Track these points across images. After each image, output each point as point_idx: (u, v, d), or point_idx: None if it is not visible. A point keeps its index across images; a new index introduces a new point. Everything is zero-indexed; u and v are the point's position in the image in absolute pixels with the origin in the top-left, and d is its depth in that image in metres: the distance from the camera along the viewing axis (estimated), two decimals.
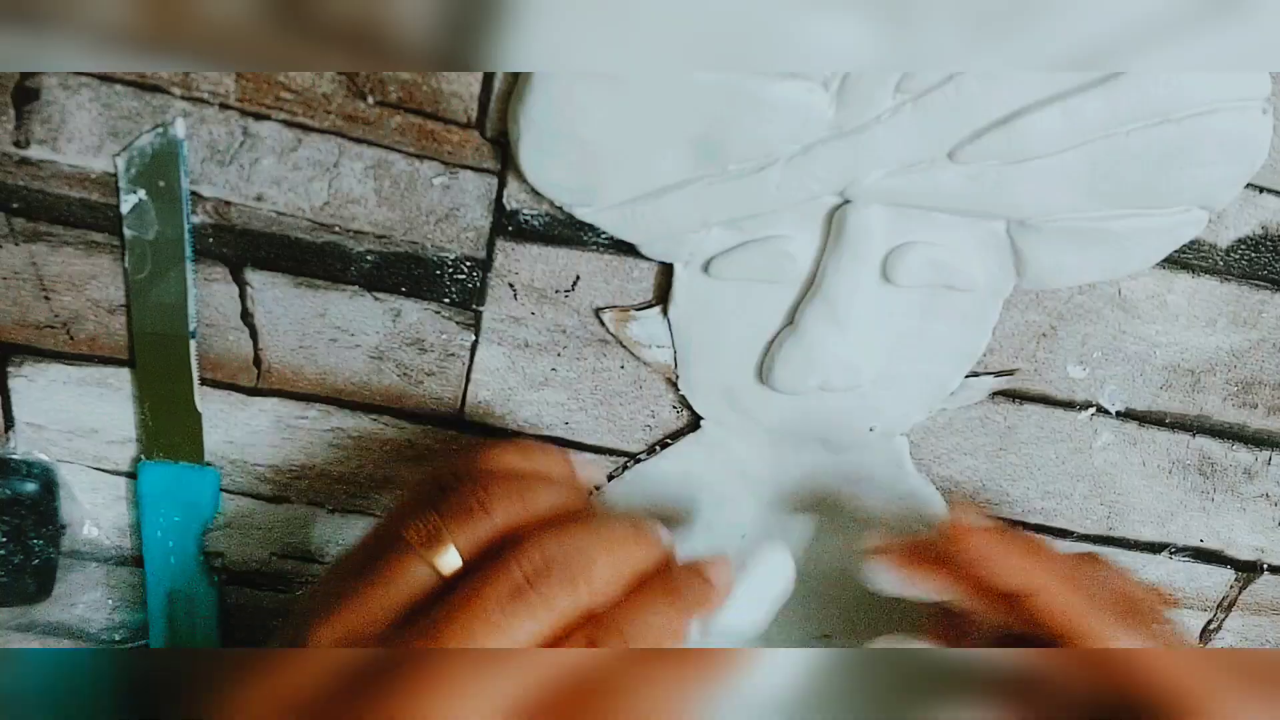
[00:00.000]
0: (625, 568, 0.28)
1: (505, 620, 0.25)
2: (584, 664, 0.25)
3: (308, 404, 0.34)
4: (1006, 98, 0.28)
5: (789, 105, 0.27)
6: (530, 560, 0.26)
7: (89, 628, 0.37)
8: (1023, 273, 0.31)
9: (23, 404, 0.33)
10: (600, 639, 0.26)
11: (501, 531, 0.27)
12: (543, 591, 0.25)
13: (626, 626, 0.26)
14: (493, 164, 0.30)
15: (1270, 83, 0.28)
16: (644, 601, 0.27)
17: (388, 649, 0.25)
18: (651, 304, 0.32)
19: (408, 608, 0.26)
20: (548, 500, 0.28)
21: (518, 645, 0.25)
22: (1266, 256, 0.33)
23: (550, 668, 0.25)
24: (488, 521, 0.27)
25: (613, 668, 0.25)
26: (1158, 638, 0.29)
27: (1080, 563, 0.32)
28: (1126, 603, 0.30)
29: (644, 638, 0.27)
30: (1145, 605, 0.31)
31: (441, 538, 0.26)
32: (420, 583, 0.26)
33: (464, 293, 0.32)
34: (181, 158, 0.29)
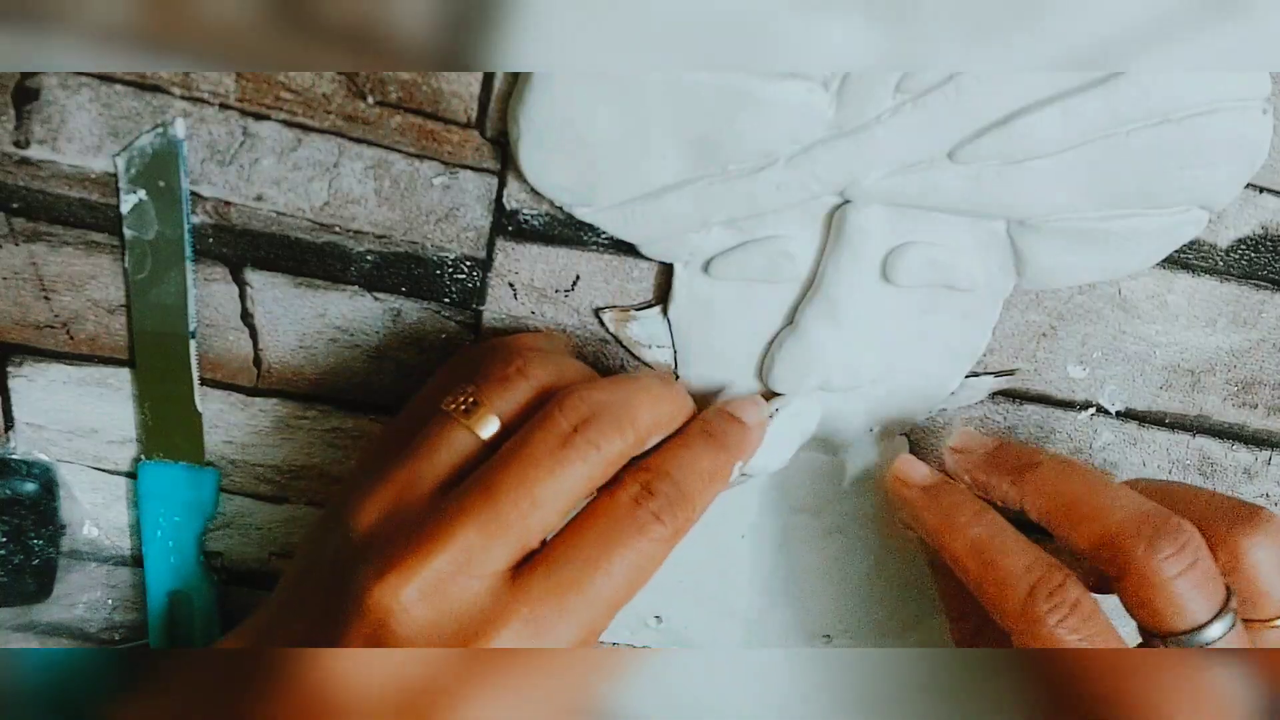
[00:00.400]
0: (664, 415, 0.28)
1: (557, 467, 0.25)
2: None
3: (308, 404, 0.34)
4: (1006, 98, 0.28)
5: (789, 105, 0.27)
6: (575, 409, 0.26)
7: (89, 628, 0.37)
8: (1023, 273, 0.31)
9: (23, 404, 0.33)
10: (654, 485, 0.27)
11: (539, 392, 0.27)
12: (590, 437, 0.26)
13: (675, 471, 0.27)
14: (493, 164, 0.30)
15: (1270, 83, 0.28)
16: (689, 446, 0.28)
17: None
18: (651, 304, 0.32)
19: (453, 474, 0.26)
20: (580, 367, 0.29)
21: (573, 492, 0.26)
22: (1266, 256, 0.33)
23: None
24: (525, 385, 0.27)
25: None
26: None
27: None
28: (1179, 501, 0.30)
29: (693, 482, 0.27)
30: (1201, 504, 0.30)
31: (480, 404, 0.26)
32: (463, 449, 0.26)
33: (464, 293, 0.32)
34: (181, 158, 0.29)
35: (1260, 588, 0.29)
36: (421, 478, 0.26)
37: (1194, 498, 0.30)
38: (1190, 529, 0.28)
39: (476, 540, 0.25)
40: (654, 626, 0.38)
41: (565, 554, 0.26)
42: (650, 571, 0.27)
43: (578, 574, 0.25)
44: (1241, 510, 0.29)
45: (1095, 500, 0.29)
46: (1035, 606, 0.28)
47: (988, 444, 0.33)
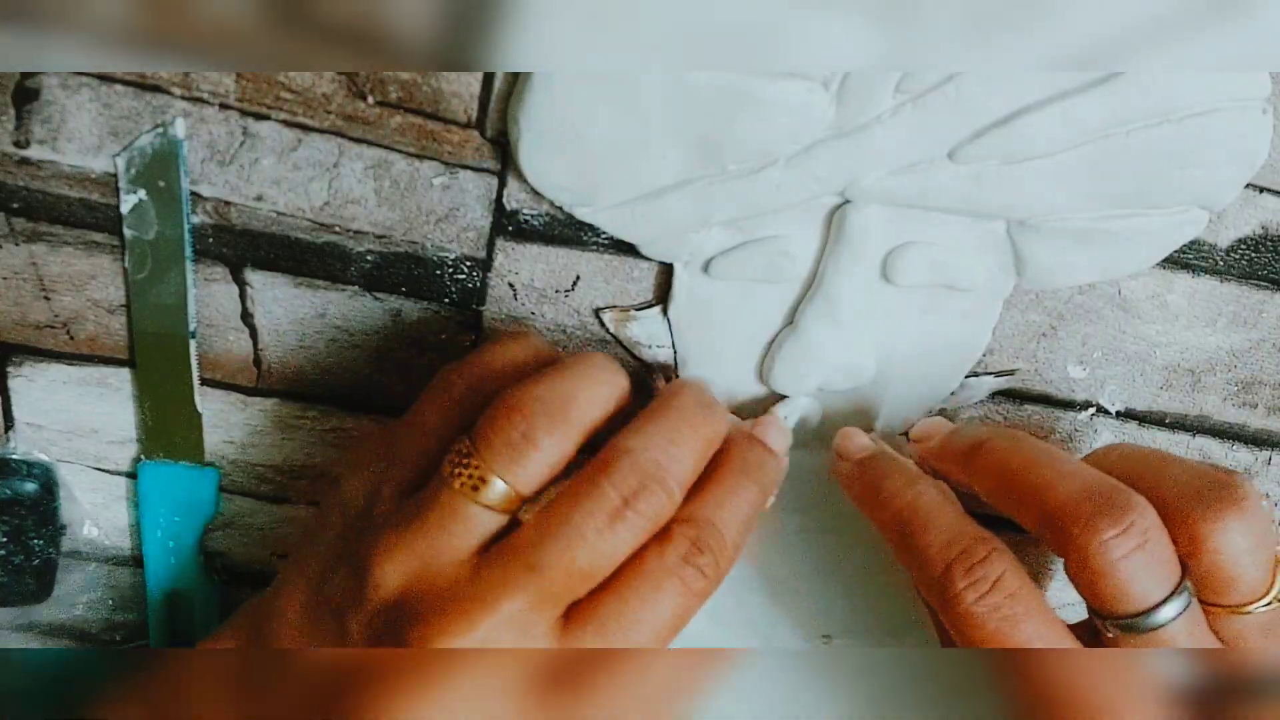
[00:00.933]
0: (706, 453, 0.27)
1: (605, 542, 0.25)
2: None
3: (308, 404, 0.34)
4: (1006, 98, 0.28)
5: (789, 105, 0.27)
6: (625, 480, 0.25)
7: (89, 628, 0.37)
8: (1023, 273, 0.31)
9: (23, 404, 0.33)
10: (702, 541, 0.26)
11: (559, 462, 0.26)
12: (641, 509, 0.25)
13: (720, 522, 0.26)
14: (493, 164, 0.30)
15: (1270, 83, 0.28)
16: (732, 491, 0.27)
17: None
18: (651, 304, 0.32)
19: (478, 547, 0.25)
20: (586, 400, 0.26)
21: (619, 557, 0.25)
22: (1266, 256, 0.33)
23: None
24: (535, 455, 0.25)
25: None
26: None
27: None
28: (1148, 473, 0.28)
29: (738, 530, 0.27)
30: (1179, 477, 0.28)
31: (486, 481, 0.25)
32: (483, 525, 0.25)
33: (464, 293, 0.32)
34: (181, 158, 0.29)
35: (1227, 572, 0.27)
36: (443, 549, 0.25)
37: (1164, 469, 0.29)
38: (1141, 506, 0.26)
39: (524, 610, 0.24)
40: None
41: (612, 609, 0.25)
42: (690, 617, 0.26)
43: (625, 630, 0.25)
44: (1213, 486, 0.27)
45: (1039, 475, 0.28)
46: (952, 582, 0.27)
47: (943, 429, 0.32)
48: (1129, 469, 0.28)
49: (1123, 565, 0.26)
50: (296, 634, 0.27)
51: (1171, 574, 0.27)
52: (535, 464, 0.25)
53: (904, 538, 0.29)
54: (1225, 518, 0.27)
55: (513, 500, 0.25)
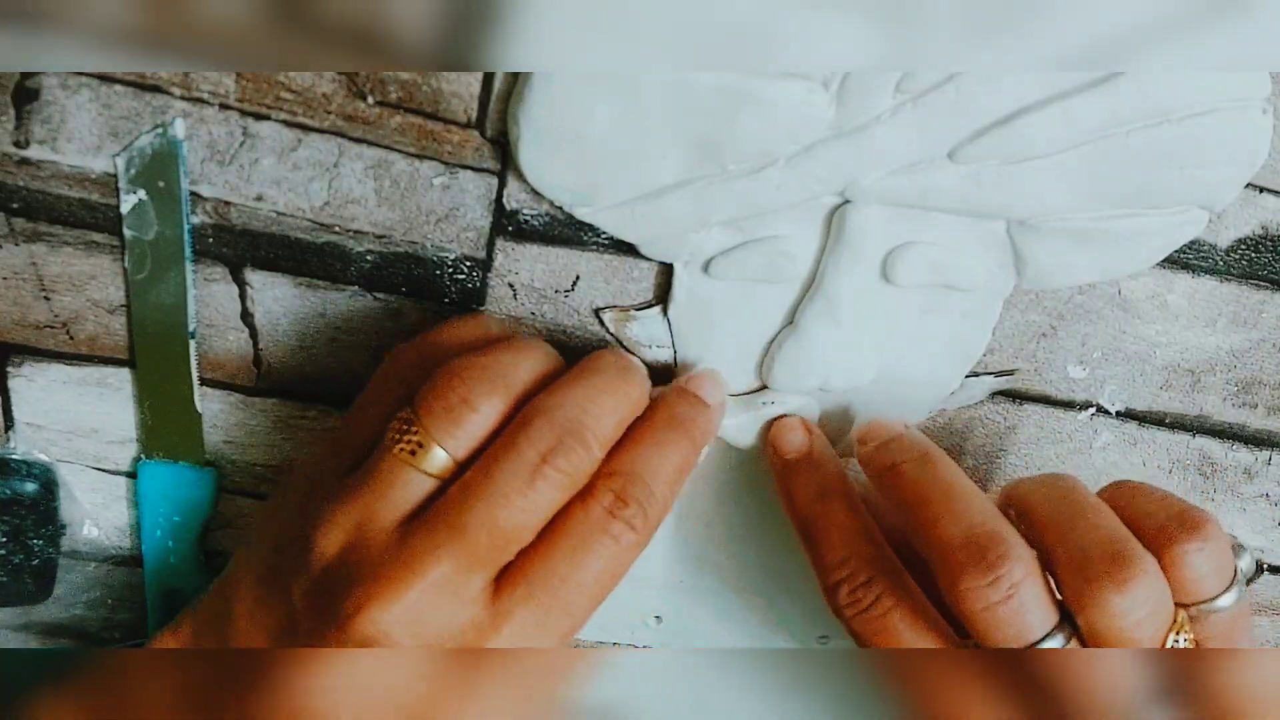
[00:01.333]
0: (628, 409, 0.28)
1: (526, 500, 0.25)
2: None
3: (308, 404, 0.34)
4: (1006, 98, 0.28)
5: (789, 105, 0.27)
6: (541, 436, 0.25)
7: (89, 628, 0.37)
8: (1023, 273, 0.31)
9: (23, 404, 0.33)
10: (628, 493, 0.26)
11: (487, 419, 0.26)
12: (559, 465, 0.25)
13: (647, 474, 0.27)
14: (493, 164, 0.30)
15: (1270, 83, 0.28)
16: (659, 444, 0.27)
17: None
18: (651, 304, 0.32)
19: (411, 511, 0.26)
20: (526, 370, 0.27)
21: (544, 513, 0.26)
22: (1266, 256, 0.33)
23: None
24: (472, 417, 0.26)
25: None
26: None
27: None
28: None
29: (665, 482, 0.27)
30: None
31: (425, 446, 0.26)
32: (418, 490, 0.26)
33: (464, 293, 0.32)
34: (181, 158, 0.29)
35: (1117, 640, 0.27)
36: (379, 514, 0.25)
37: (1072, 525, 0.28)
38: (1015, 558, 0.27)
39: (451, 573, 0.25)
40: (654, 626, 0.38)
41: (543, 570, 0.25)
42: (624, 573, 0.27)
43: (555, 590, 0.25)
44: (1108, 559, 0.27)
45: (930, 511, 0.28)
46: (837, 599, 0.29)
47: (882, 435, 0.32)
48: (1041, 513, 0.29)
49: (985, 615, 0.26)
50: (249, 610, 0.27)
51: (1044, 620, 0.27)
52: (472, 428, 0.26)
53: (806, 545, 0.31)
54: (1110, 594, 0.26)
55: (449, 466, 0.26)
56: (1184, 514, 0.28)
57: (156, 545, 0.35)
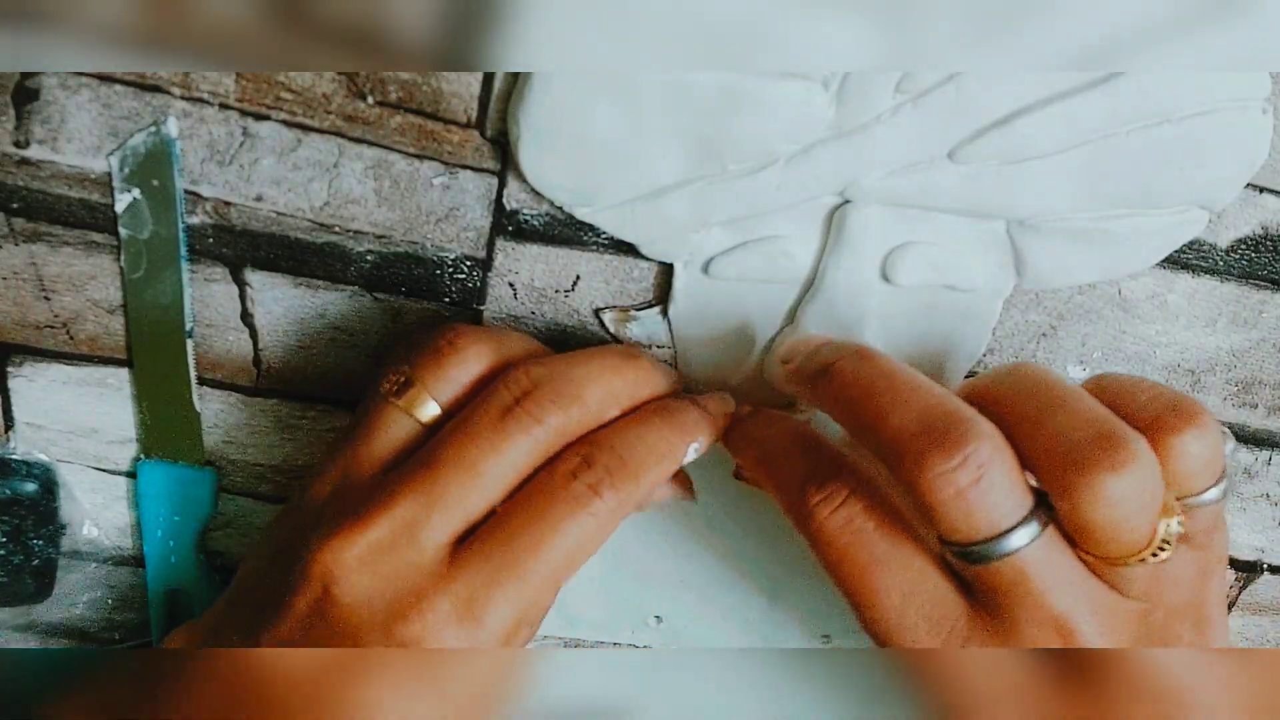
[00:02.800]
0: (619, 389, 0.27)
1: (498, 439, 0.25)
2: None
3: (308, 404, 0.34)
4: (1006, 98, 0.28)
5: (789, 105, 0.27)
6: (518, 382, 0.26)
7: (89, 628, 0.37)
8: (1023, 273, 0.31)
9: (23, 404, 0.33)
10: (593, 457, 0.26)
11: (474, 366, 0.27)
12: (530, 409, 0.25)
13: (619, 444, 0.26)
14: (493, 164, 0.30)
15: (1270, 83, 0.28)
16: (640, 421, 0.27)
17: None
18: (651, 304, 0.32)
19: (395, 456, 0.26)
20: (519, 341, 0.28)
21: (515, 465, 0.26)
22: (1266, 256, 0.33)
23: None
24: (456, 359, 0.26)
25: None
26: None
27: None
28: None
29: (638, 455, 0.26)
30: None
31: (413, 384, 0.26)
32: (401, 432, 0.26)
33: (464, 293, 0.32)
34: (174, 156, 0.29)
35: (1103, 533, 0.24)
36: (364, 459, 0.26)
37: (1053, 411, 0.25)
38: (980, 435, 0.24)
39: (417, 511, 0.25)
40: (654, 626, 0.38)
41: (502, 531, 0.25)
42: (594, 546, 0.26)
43: (514, 552, 0.25)
44: (1095, 442, 0.24)
45: (877, 403, 0.25)
46: (806, 499, 0.27)
47: (806, 346, 0.29)
48: (1011, 403, 0.26)
49: (956, 501, 0.24)
50: (259, 579, 0.27)
51: (1017, 504, 0.24)
52: (456, 372, 0.26)
53: (767, 468, 0.28)
54: (1103, 477, 0.23)
55: (435, 416, 0.26)
56: (1178, 402, 0.26)
57: (157, 545, 0.35)
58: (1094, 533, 0.24)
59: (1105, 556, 0.25)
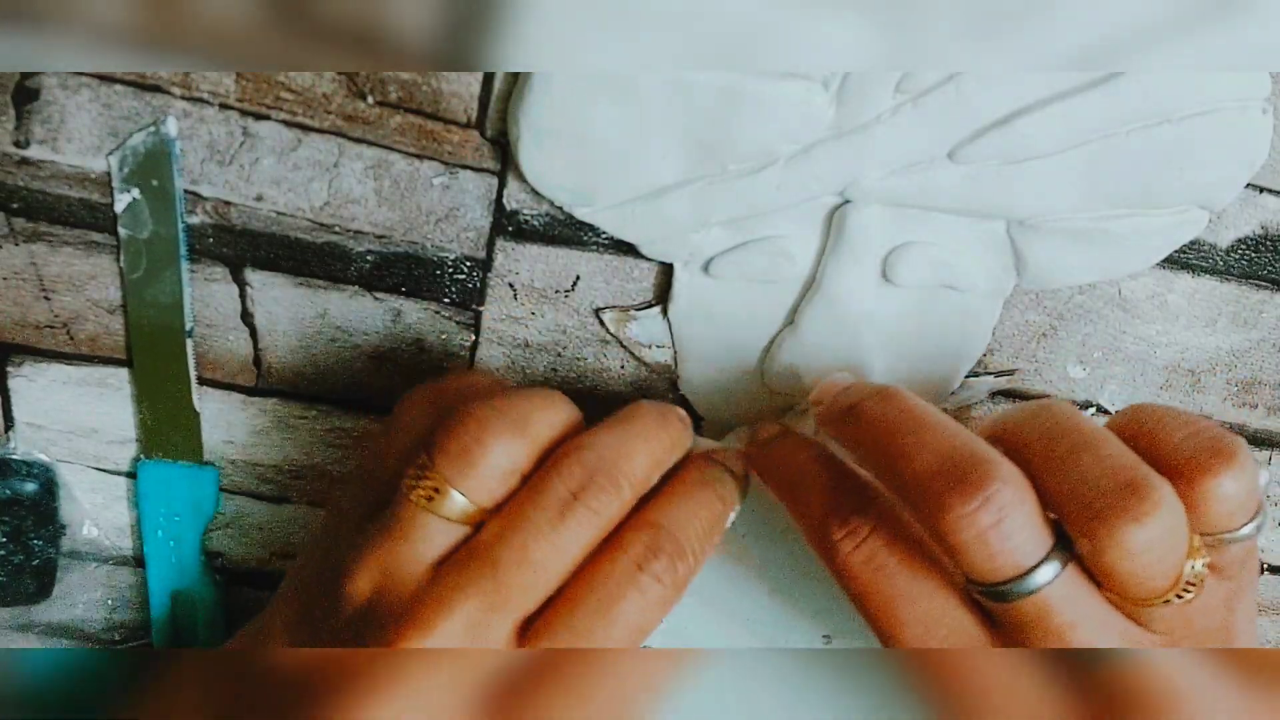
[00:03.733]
0: (663, 456, 0.27)
1: (557, 537, 0.25)
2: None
3: (308, 404, 0.34)
4: (1006, 98, 0.28)
5: (789, 105, 0.27)
6: (572, 474, 0.25)
7: (89, 628, 0.37)
8: (1023, 273, 0.31)
9: (23, 404, 0.33)
10: (658, 545, 0.25)
11: (509, 469, 0.25)
12: (589, 503, 0.25)
13: (678, 528, 0.26)
14: (493, 164, 0.30)
15: (1270, 83, 0.28)
16: (687, 496, 0.27)
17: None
18: (651, 304, 0.32)
19: (441, 556, 0.25)
20: (544, 416, 0.26)
21: (573, 556, 0.25)
22: (1266, 256, 0.33)
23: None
24: (486, 460, 0.25)
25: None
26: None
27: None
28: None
29: (696, 538, 0.26)
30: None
31: (441, 491, 0.25)
32: (441, 537, 0.25)
33: (464, 293, 0.32)
34: (174, 156, 0.29)
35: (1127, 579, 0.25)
36: (406, 559, 0.25)
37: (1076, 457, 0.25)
38: (1002, 477, 0.24)
39: (479, 613, 0.24)
40: None
41: (568, 620, 0.25)
42: (652, 629, 0.26)
43: (580, 640, 0.25)
44: (1121, 491, 0.24)
45: (899, 444, 0.25)
46: (829, 534, 0.27)
47: (835, 387, 0.29)
48: (1035, 446, 0.26)
49: (977, 542, 0.24)
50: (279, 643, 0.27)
51: (1038, 544, 0.24)
52: (488, 471, 0.25)
53: (791, 496, 0.29)
54: (1127, 527, 0.24)
55: (471, 512, 0.25)
56: (1215, 442, 0.26)
57: (157, 545, 0.35)
58: (1117, 578, 0.24)
59: (1129, 599, 0.25)
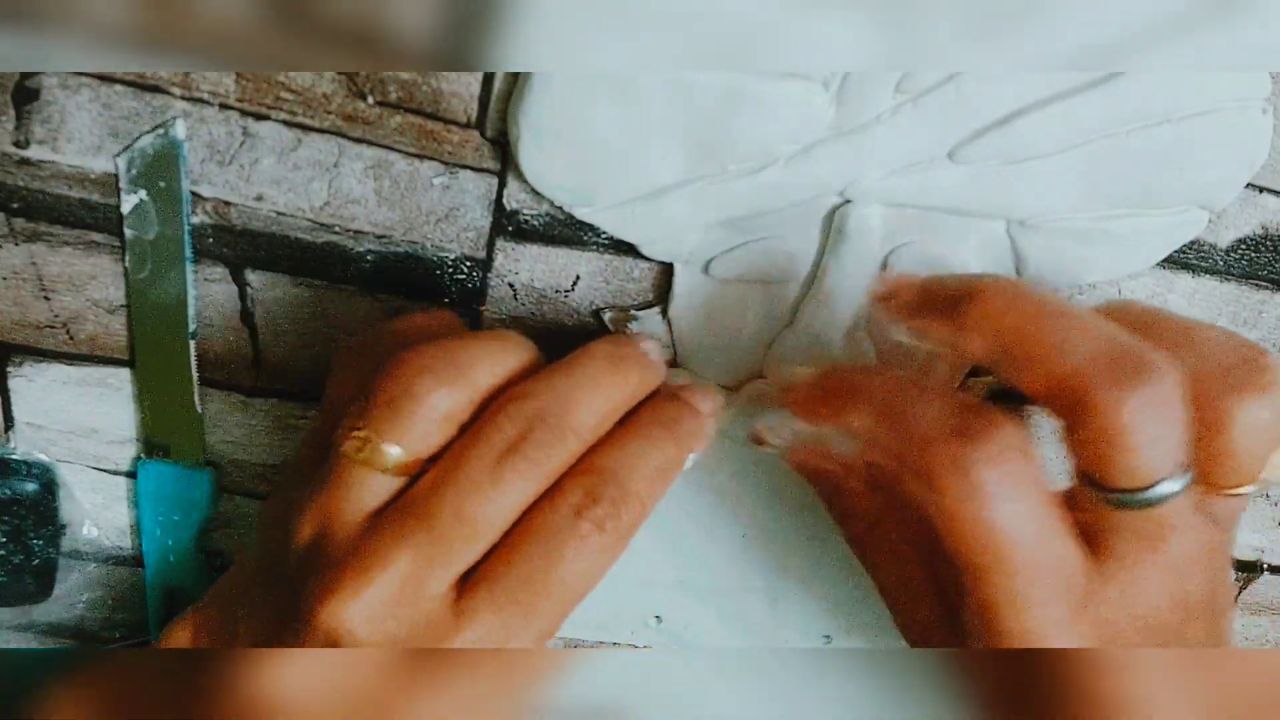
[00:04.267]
0: (615, 402, 0.26)
1: (494, 489, 0.24)
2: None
3: (308, 404, 0.34)
4: (1006, 98, 0.28)
5: (789, 105, 0.27)
6: (511, 422, 0.24)
7: (89, 627, 0.37)
8: (1023, 273, 0.31)
9: (23, 404, 0.33)
10: (598, 490, 0.25)
11: (445, 414, 0.25)
12: (528, 453, 0.24)
13: (622, 471, 0.25)
14: (493, 164, 0.30)
15: (1270, 83, 0.28)
16: (639, 438, 0.26)
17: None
18: (651, 304, 0.32)
19: (378, 507, 0.25)
20: (487, 361, 0.25)
21: (513, 508, 0.24)
22: (1266, 256, 0.33)
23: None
24: (420, 412, 0.24)
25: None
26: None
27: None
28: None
29: (642, 481, 0.25)
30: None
31: (375, 441, 0.24)
32: (376, 489, 0.25)
33: (464, 293, 0.32)
34: (181, 158, 0.29)
35: (1237, 455, 0.25)
36: (342, 510, 0.24)
37: (1191, 335, 0.26)
38: (1170, 370, 0.23)
39: (418, 566, 0.24)
40: (654, 626, 0.38)
41: (507, 571, 0.24)
42: (599, 576, 0.25)
43: (521, 592, 0.24)
44: (1243, 364, 0.25)
45: (1052, 334, 0.24)
46: (963, 456, 0.23)
47: (916, 282, 0.27)
48: (1149, 330, 0.25)
49: (1144, 433, 0.22)
50: (249, 611, 0.27)
51: (1183, 448, 0.23)
52: (421, 422, 0.24)
53: (893, 426, 0.25)
54: (1252, 399, 0.24)
55: (407, 462, 0.24)
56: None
57: (156, 545, 0.35)
58: (1226, 457, 0.24)
59: (1224, 485, 0.25)
